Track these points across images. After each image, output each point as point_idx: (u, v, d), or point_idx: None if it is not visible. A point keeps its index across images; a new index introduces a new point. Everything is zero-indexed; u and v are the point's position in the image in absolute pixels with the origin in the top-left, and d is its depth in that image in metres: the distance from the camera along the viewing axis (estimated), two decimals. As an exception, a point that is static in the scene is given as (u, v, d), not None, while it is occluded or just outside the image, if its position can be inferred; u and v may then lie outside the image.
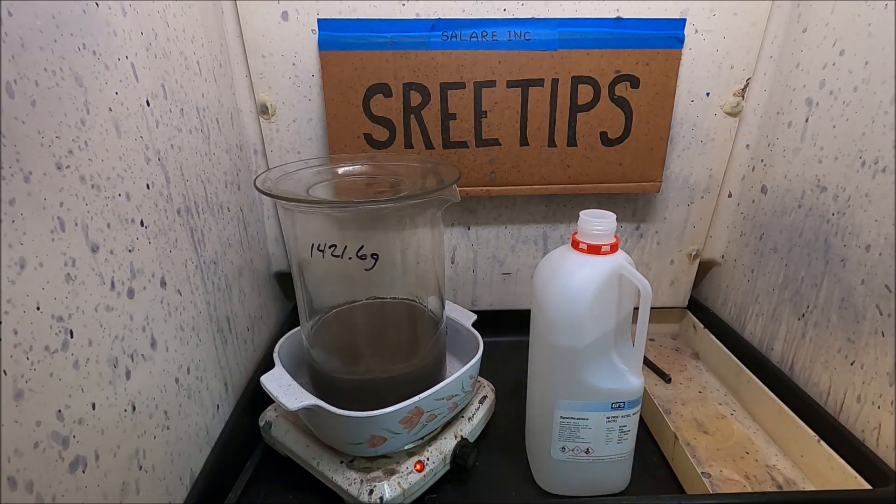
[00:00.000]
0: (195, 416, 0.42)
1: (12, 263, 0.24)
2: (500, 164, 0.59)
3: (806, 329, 0.52)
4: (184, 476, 0.40)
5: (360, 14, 0.54)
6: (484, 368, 0.52)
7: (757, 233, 0.61)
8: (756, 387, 0.55)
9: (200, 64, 0.47)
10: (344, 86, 0.55)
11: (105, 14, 0.33)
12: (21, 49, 0.25)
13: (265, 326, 0.61)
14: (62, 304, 0.27)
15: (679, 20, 0.55)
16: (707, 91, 0.59)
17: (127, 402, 0.33)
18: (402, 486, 0.42)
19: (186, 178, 0.43)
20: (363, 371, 0.48)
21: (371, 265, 0.43)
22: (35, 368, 0.25)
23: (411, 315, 0.52)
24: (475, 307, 0.69)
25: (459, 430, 0.49)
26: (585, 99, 0.56)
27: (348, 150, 0.57)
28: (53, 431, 0.26)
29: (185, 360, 0.41)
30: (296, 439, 0.47)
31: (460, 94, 0.56)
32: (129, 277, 0.34)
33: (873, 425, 0.44)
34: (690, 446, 0.52)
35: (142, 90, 0.36)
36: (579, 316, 0.39)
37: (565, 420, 0.43)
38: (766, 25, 0.56)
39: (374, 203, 0.42)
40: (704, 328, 0.67)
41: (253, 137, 0.60)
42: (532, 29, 0.54)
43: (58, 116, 0.28)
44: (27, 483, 0.24)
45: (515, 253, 0.67)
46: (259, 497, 0.47)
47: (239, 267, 0.54)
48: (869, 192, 0.45)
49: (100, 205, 0.31)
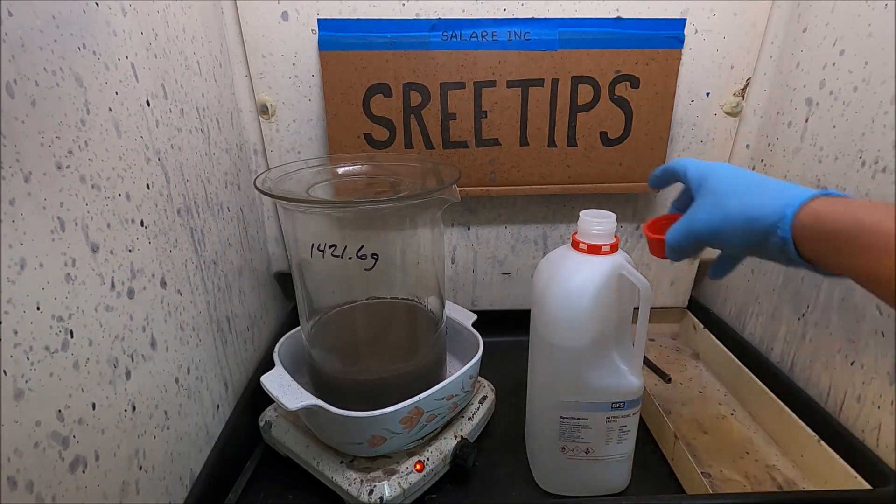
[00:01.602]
0: (195, 416, 0.42)
1: (12, 263, 0.24)
2: (500, 164, 0.59)
3: (806, 329, 0.52)
4: (184, 476, 0.40)
5: (360, 14, 0.54)
6: (484, 368, 0.52)
7: (757, 233, 0.61)
8: (756, 387, 0.55)
9: (200, 64, 0.47)
10: (344, 86, 0.55)
11: (105, 14, 0.33)
12: (21, 49, 0.25)
13: (265, 326, 0.61)
14: (62, 304, 0.27)
15: (679, 20, 0.55)
16: (707, 91, 0.59)
17: (127, 402, 0.33)
18: (402, 486, 0.42)
19: (186, 178, 0.43)
20: (363, 371, 0.48)
21: (371, 265, 0.43)
22: (35, 368, 0.25)
23: (411, 315, 0.52)
24: (475, 307, 0.69)
25: (459, 430, 0.49)
26: (585, 99, 0.57)
27: (348, 150, 0.57)
28: (53, 431, 0.26)
29: (185, 360, 0.41)
30: (296, 439, 0.47)
31: (460, 94, 0.56)
32: (129, 277, 0.34)
33: (873, 425, 0.44)
34: (690, 446, 0.52)
35: (142, 90, 0.36)
36: (579, 316, 0.39)
37: (565, 420, 0.43)
38: (766, 25, 0.56)
39: (374, 203, 0.42)
40: (704, 328, 0.67)
41: (253, 137, 0.60)
42: (532, 29, 0.54)
43: (58, 116, 0.28)
44: (27, 483, 0.24)
45: (515, 253, 0.67)
46: (259, 497, 0.47)
47: (239, 267, 0.54)
48: (869, 192, 0.45)
49: (100, 205, 0.31)
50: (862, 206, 0.26)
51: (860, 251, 0.25)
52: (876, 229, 0.24)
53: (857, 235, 0.25)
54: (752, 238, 0.29)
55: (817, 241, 0.27)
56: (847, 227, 0.25)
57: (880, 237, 0.24)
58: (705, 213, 0.32)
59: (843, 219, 0.25)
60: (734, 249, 0.32)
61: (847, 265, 0.26)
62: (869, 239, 0.24)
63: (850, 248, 0.25)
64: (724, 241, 0.31)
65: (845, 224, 0.25)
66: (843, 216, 0.25)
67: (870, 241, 0.24)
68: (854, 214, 0.25)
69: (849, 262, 0.26)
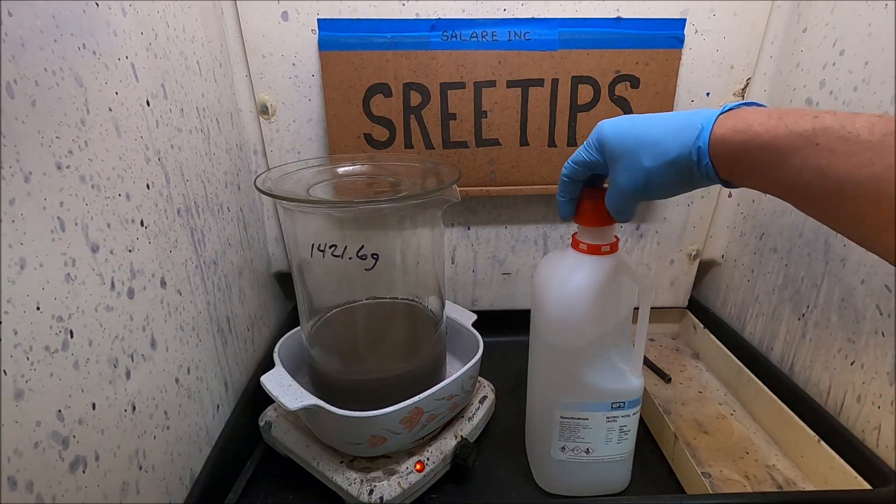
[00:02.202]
0: (195, 416, 0.42)
1: (12, 263, 0.24)
2: (500, 164, 0.59)
3: (806, 329, 0.52)
4: (184, 476, 0.40)
5: (360, 14, 0.54)
6: (484, 368, 0.52)
7: (757, 233, 0.61)
8: (756, 387, 0.55)
9: (200, 64, 0.47)
10: (344, 86, 0.55)
11: (105, 14, 0.33)
12: (21, 49, 0.25)
13: (265, 326, 0.61)
14: (62, 304, 0.27)
15: (679, 20, 0.55)
16: (707, 91, 0.59)
17: (127, 402, 0.33)
18: (402, 486, 0.42)
19: (186, 178, 0.43)
20: (363, 371, 0.48)
21: (371, 265, 0.43)
22: (35, 368, 0.25)
23: (411, 315, 0.52)
24: (475, 307, 0.69)
25: (459, 430, 0.49)
26: (585, 99, 0.56)
27: (348, 150, 0.57)
28: (53, 431, 0.26)
29: (185, 360, 0.41)
30: (296, 439, 0.47)
31: (460, 94, 0.56)
32: (129, 277, 0.34)
33: (873, 425, 0.44)
34: (690, 446, 0.52)
35: (142, 90, 0.36)
36: (579, 316, 0.39)
37: (565, 420, 0.43)
38: (766, 25, 0.56)
39: (374, 203, 0.42)
40: (704, 328, 0.67)
41: (253, 137, 0.59)
42: (532, 29, 0.54)
43: (58, 116, 0.28)
44: (27, 483, 0.24)
45: (515, 253, 0.67)
46: (259, 497, 0.47)
47: (239, 267, 0.54)
48: (869, 192, 0.45)
49: (100, 205, 0.31)
50: (756, 116, 0.26)
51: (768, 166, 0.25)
52: (771, 140, 0.24)
53: (761, 151, 0.25)
54: (679, 178, 0.30)
55: (732, 165, 0.27)
56: (746, 145, 0.25)
57: (776, 149, 0.24)
58: (626, 175, 0.32)
59: (743, 137, 0.26)
60: (669, 192, 0.32)
61: (755, 179, 0.26)
62: (764, 154, 0.25)
63: (753, 164, 0.25)
64: (656, 190, 0.32)
65: (747, 141, 0.25)
66: (744, 134, 0.26)
67: (764, 156, 0.24)
68: (750, 128, 0.25)
69: (755, 176, 0.26)
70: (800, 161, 0.23)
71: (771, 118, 0.25)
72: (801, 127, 0.23)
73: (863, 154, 0.21)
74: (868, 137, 0.21)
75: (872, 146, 0.21)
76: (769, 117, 0.25)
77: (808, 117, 0.24)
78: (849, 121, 0.22)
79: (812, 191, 0.23)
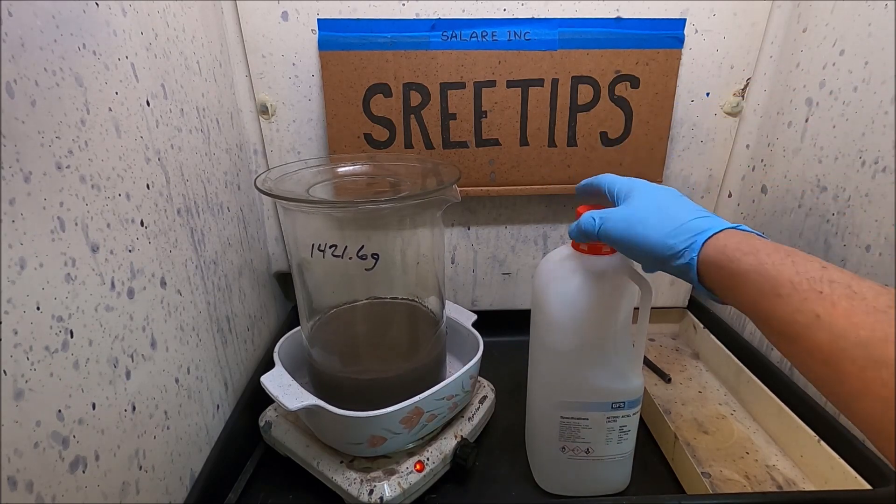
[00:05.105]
0: (195, 416, 0.42)
1: (12, 263, 0.24)
2: (500, 164, 0.59)
3: (806, 329, 0.52)
4: (184, 476, 0.40)
5: (360, 14, 0.54)
6: (484, 368, 0.52)
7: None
8: (756, 387, 0.55)
9: (200, 64, 0.47)
10: (344, 86, 0.55)
11: (105, 14, 0.33)
12: (21, 49, 0.25)
13: (265, 326, 0.61)
14: (62, 304, 0.27)
15: (679, 20, 0.55)
16: (707, 91, 0.59)
17: (127, 402, 0.33)
18: (402, 486, 0.42)
19: (186, 178, 0.43)
20: (363, 371, 0.48)
21: (371, 265, 0.43)
22: (35, 368, 0.25)
23: (411, 315, 0.52)
24: (475, 307, 0.69)
25: (459, 430, 0.49)
26: (585, 99, 0.57)
27: (348, 150, 0.57)
28: (53, 431, 0.26)
29: (185, 360, 0.41)
30: (296, 439, 0.47)
31: (460, 94, 0.56)
32: (129, 277, 0.34)
33: (873, 425, 0.44)
34: (690, 446, 0.52)
35: (142, 90, 0.36)
36: (579, 316, 0.39)
37: (565, 420, 0.43)
38: (766, 25, 0.56)
39: (374, 203, 0.42)
40: (704, 328, 0.67)
41: (253, 137, 0.59)
42: (532, 29, 0.54)
43: (58, 116, 0.28)
44: (27, 483, 0.24)
45: (515, 253, 0.67)
46: (259, 497, 0.47)
47: (239, 267, 0.54)
48: (869, 192, 0.45)
49: (100, 205, 0.31)
50: (764, 247, 0.26)
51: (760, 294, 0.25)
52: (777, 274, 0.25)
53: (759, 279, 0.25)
54: (649, 261, 0.33)
55: (719, 278, 0.28)
56: (748, 270, 0.26)
57: (783, 284, 0.24)
58: (618, 220, 0.34)
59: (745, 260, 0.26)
60: (636, 258, 0.35)
61: (744, 303, 0.27)
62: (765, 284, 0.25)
63: (749, 288, 0.26)
64: (626, 252, 0.34)
65: (746, 266, 0.26)
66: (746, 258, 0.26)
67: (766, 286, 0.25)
68: (756, 257, 0.26)
69: (746, 300, 0.27)
70: (797, 303, 0.24)
71: (778, 252, 0.26)
72: (810, 273, 0.24)
73: (865, 317, 0.21)
74: (873, 303, 0.22)
75: (876, 311, 0.21)
76: (776, 250, 0.26)
77: (817, 265, 0.24)
78: (855, 281, 0.23)
79: (798, 331, 0.24)
